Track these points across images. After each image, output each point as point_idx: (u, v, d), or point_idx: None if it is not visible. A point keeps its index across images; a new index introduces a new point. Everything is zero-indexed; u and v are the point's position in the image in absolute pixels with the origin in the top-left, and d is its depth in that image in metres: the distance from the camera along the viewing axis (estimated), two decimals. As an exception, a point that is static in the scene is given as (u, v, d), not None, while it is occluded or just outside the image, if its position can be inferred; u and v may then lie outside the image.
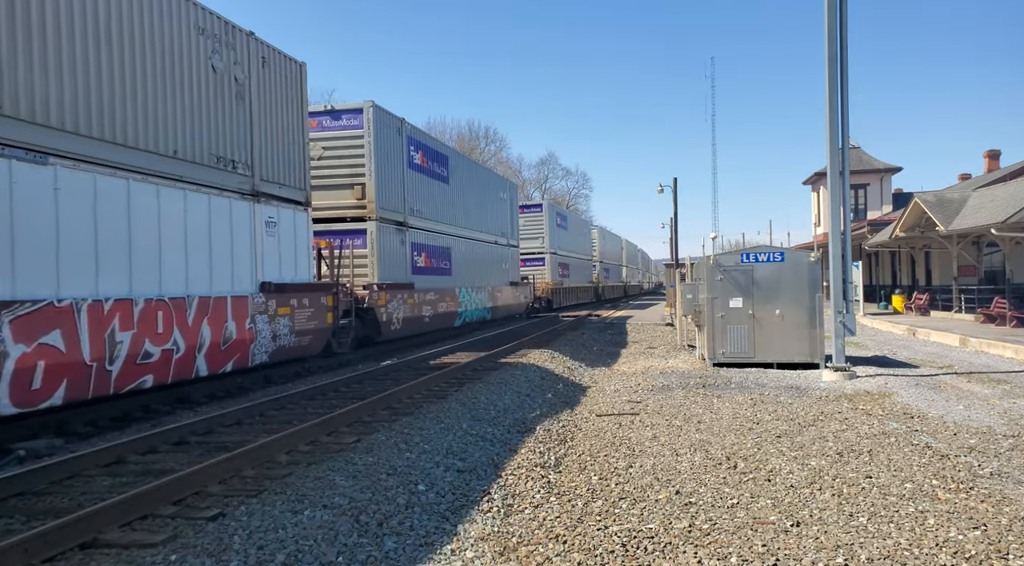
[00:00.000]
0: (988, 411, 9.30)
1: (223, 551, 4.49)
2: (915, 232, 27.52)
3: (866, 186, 41.81)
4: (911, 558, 4.57)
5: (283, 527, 4.89)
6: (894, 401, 10.06)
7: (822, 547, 4.78)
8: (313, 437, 7.55)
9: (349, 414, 8.52)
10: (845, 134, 12.68)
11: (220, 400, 10.82)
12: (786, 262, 13.57)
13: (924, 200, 26.05)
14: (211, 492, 5.75)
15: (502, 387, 11.35)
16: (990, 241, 24.01)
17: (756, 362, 13.61)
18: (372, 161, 16.75)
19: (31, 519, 5.25)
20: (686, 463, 7.00)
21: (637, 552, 4.81)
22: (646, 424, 8.88)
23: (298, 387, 11.59)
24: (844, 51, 12.56)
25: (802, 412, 9.36)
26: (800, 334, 13.37)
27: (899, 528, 5.10)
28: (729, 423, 8.79)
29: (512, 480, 6.65)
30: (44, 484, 6.11)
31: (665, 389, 11.52)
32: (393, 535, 5.07)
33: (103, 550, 4.58)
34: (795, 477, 6.42)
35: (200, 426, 8.25)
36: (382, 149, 17.20)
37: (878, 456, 7.05)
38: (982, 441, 7.65)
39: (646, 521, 5.40)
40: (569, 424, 9.23)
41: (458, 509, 5.80)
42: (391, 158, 17.79)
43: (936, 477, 6.30)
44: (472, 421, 8.83)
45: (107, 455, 6.91)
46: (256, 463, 6.52)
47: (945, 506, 5.54)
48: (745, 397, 10.56)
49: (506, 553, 4.89)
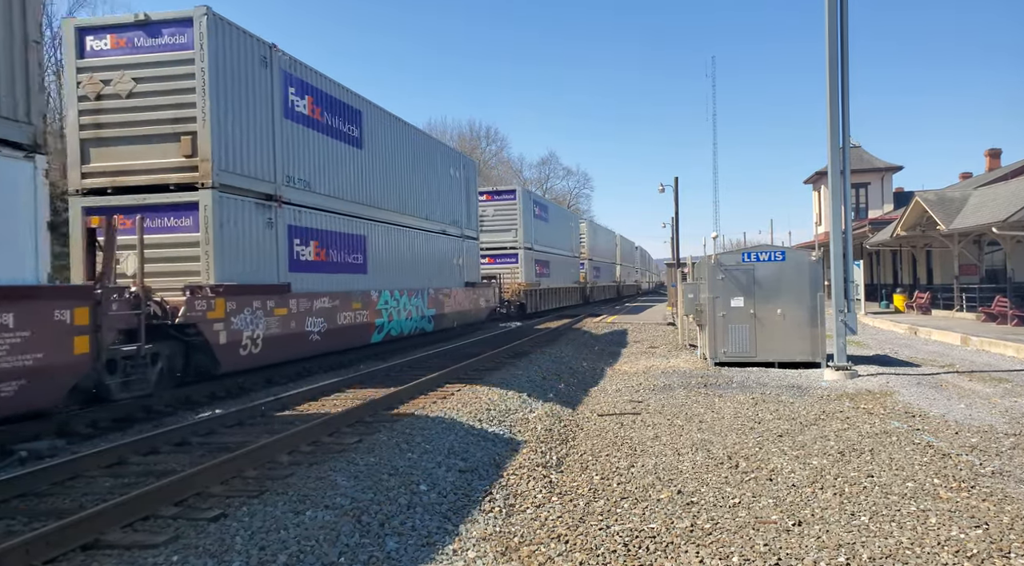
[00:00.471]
0: (990, 410, 9.29)
1: (225, 552, 4.49)
2: (916, 231, 27.49)
3: (867, 185, 41.78)
4: (913, 557, 4.57)
5: (285, 528, 4.89)
6: (896, 400, 10.05)
7: (824, 546, 4.78)
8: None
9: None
10: (846, 133, 12.67)
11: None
12: (787, 261, 13.56)
13: (925, 199, 26.02)
14: (213, 493, 5.76)
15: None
16: (991, 240, 23.99)
17: (758, 361, 13.61)
18: (208, 99, 11.15)
19: (33, 520, 5.26)
20: (688, 462, 7.00)
21: (639, 552, 4.81)
22: (648, 424, 8.87)
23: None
24: (845, 50, 12.55)
25: (804, 411, 9.36)
26: (801, 333, 13.36)
27: (901, 527, 5.10)
28: (731, 422, 8.79)
29: (514, 480, 6.65)
30: (46, 485, 6.12)
31: (667, 388, 11.52)
32: (395, 535, 5.07)
33: (105, 551, 4.58)
34: (797, 476, 6.42)
35: (202, 427, 8.26)
36: (229, 82, 11.66)
37: (880, 455, 7.05)
38: (984, 440, 7.64)
39: (648, 521, 5.40)
40: (571, 424, 9.23)
41: (460, 509, 5.80)
42: (249, 98, 12.17)
43: (938, 476, 6.30)
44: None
45: (109, 456, 6.91)
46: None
47: (947, 505, 5.53)
48: (747, 396, 10.55)
49: (508, 553, 4.89)
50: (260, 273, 12.30)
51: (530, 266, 31.51)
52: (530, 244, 31.71)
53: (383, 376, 12.68)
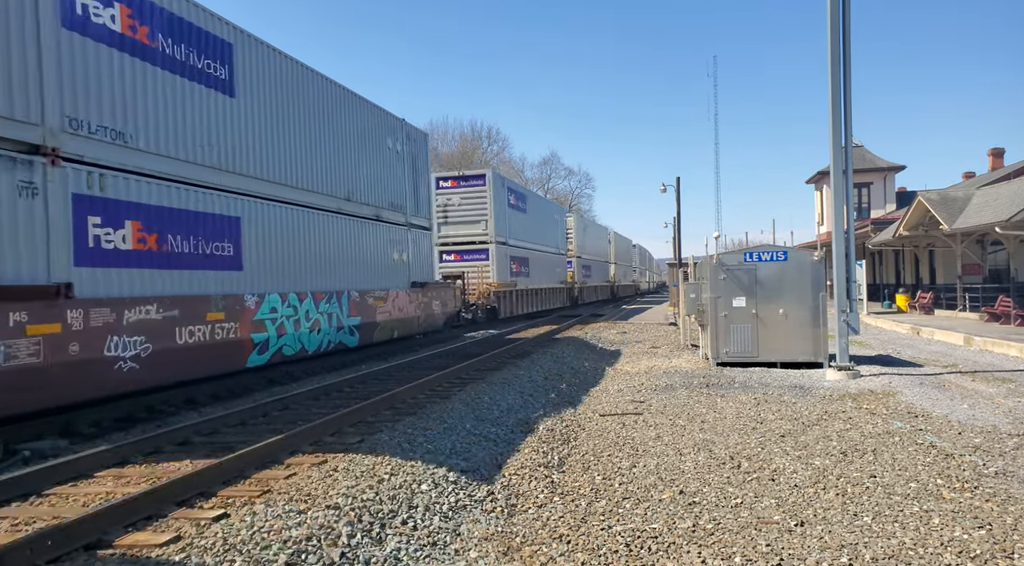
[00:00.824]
0: (993, 410, 9.28)
1: (227, 551, 4.50)
2: (919, 231, 27.44)
3: (869, 185, 41.74)
4: (916, 557, 4.56)
5: (287, 527, 4.89)
6: (898, 400, 10.04)
7: (826, 547, 4.77)
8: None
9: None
10: (848, 133, 12.66)
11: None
12: (789, 261, 13.55)
13: (928, 198, 25.98)
14: (215, 493, 5.76)
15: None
16: (994, 239, 23.95)
17: (760, 361, 13.59)
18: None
19: (35, 520, 5.27)
20: (690, 463, 7.00)
21: (641, 552, 4.81)
22: (650, 424, 8.87)
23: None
24: (847, 50, 12.54)
25: (806, 411, 9.35)
26: (804, 333, 13.35)
27: (904, 527, 5.09)
28: (733, 423, 8.78)
29: (516, 480, 6.65)
30: (49, 485, 6.13)
31: (668, 389, 11.51)
32: (396, 535, 5.07)
33: (108, 550, 4.59)
34: (799, 476, 6.41)
35: (205, 426, 8.26)
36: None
37: (882, 455, 7.04)
38: (987, 440, 7.62)
39: (650, 521, 5.40)
40: (572, 424, 9.22)
41: (461, 509, 5.80)
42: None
43: (941, 476, 6.29)
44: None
45: (112, 456, 6.92)
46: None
47: (950, 505, 5.52)
48: (749, 396, 10.54)
49: (510, 553, 4.89)
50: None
51: (504, 263, 27.01)
52: (504, 238, 27.21)
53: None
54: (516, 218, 29.17)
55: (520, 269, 29.26)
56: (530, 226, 31.32)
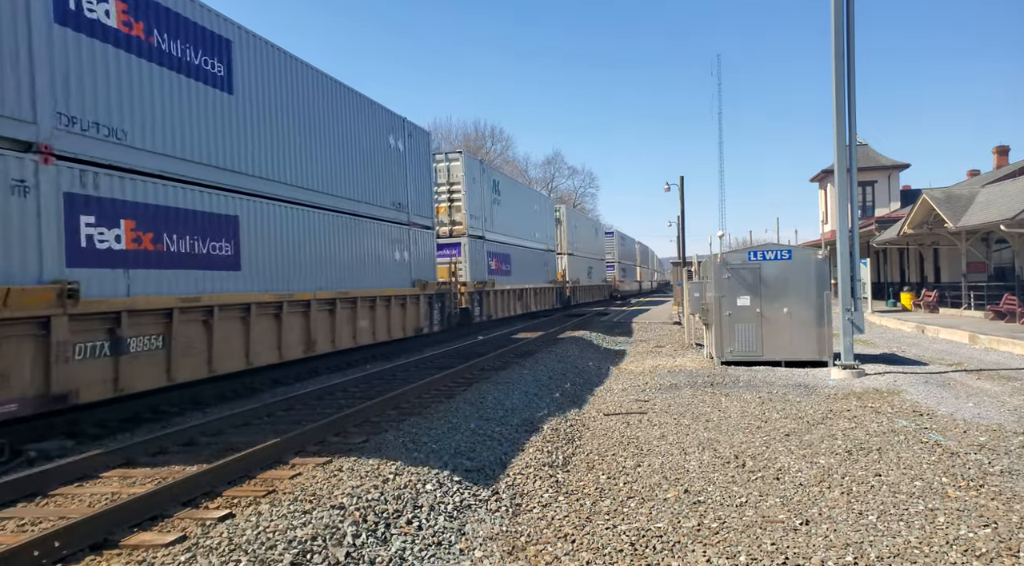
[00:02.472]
0: (998, 408, 9.25)
1: (232, 551, 4.51)
2: (923, 229, 27.37)
3: (874, 183, 41.61)
4: (921, 556, 4.55)
5: (292, 527, 4.90)
6: (903, 399, 10.01)
7: (832, 545, 4.77)
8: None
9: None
10: (852, 131, 12.62)
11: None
12: (794, 260, 13.53)
13: (932, 197, 25.92)
14: (220, 493, 5.78)
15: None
16: (999, 238, 23.88)
17: (764, 360, 13.57)
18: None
19: (42, 520, 5.29)
20: (694, 462, 6.99)
21: (646, 551, 4.81)
22: (654, 423, 8.86)
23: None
24: (851, 47, 12.50)
25: (811, 410, 9.33)
26: (808, 332, 13.33)
27: (909, 526, 5.08)
28: (737, 421, 8.77)
29: (520, 479, 6.65)
30: (55, 485, 6.15)
31: (673, 388, 11.50)
32: (401, 535, 5.08)
33: (114, 550, 4.61)
34: (804, 475, 6.40)
35: (210, 427, 8.28)
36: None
37: (887, 454, 7.02)
38: (992, 438, 7.60)
39: (655, 520, 5.40)
40: (577, 423, 9.22)
41: (466, 508, 5.81)
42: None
43: (946, 475, 6.27)
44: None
45: (118, 456, 6.94)
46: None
47: (955, 504, 5.51)
48: (753, 395, 10.53)
49: (515, 552, 4.89)
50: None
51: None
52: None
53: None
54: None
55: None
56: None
